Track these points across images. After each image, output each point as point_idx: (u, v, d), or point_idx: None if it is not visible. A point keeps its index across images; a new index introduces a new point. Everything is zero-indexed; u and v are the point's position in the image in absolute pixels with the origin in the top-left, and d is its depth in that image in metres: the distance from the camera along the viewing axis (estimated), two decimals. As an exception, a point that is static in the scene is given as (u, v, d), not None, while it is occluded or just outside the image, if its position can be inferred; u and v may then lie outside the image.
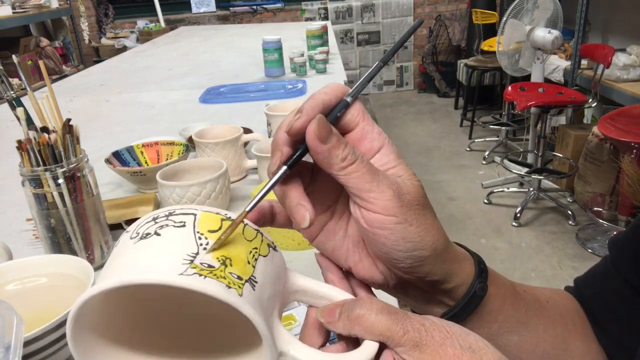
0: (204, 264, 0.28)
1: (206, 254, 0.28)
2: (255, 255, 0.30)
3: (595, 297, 0.48)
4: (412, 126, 4.22)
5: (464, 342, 0.31)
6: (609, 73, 2.69)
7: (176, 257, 0.28)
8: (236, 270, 0.28)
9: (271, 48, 1.88)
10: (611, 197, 2.47)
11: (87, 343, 0.29)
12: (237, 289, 0.27)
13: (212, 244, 0.29)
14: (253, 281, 0.29)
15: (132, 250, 0.28)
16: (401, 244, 0.33)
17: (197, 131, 1.01)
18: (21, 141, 0.65)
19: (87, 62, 4.80)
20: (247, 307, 0.27)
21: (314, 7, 4.90)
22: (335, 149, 0.31)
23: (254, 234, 0.32)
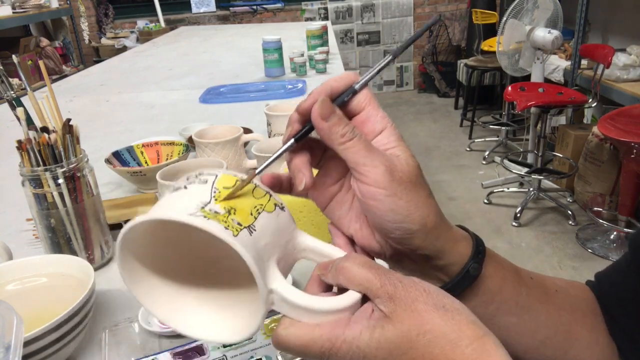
0: (212, 210, 0.34)
1: (216, 203, 0.35)
2: (260, 209, 0.36)
3: (613, 291, 0.49)
4: (412, 126, 4.22)
5: (438, 301, 0.33)
6: (609, 73, 2.69)
7: (192, 203, 0.34)
8: (238, 218, 0.34)
9: (271, 48, 1.88)
10: (611, 197, 2.47)
11: (132, 267, 0.36)
12: (234, 231, 0.33)
13: (222, 196, 0.35)
14: (252, 229, 0.34)
15: (165, 199, 0.36)
16: (390, 215, 0.36)
17: (197, 131, 1.01)
18: (21, 141, 0.65)
19: (87, 62, 4.80)
20: (239, 245, 0.32)
21: (314, 7, 4.90)
22: (335, 126, 0.36)
23: (263, 194, 0.37)
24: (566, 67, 3.14)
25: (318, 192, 0.41)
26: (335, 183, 0.41)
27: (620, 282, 0.49)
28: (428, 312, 0.32)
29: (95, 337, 0.59)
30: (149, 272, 0.38)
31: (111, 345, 0.56)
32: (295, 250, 0.39)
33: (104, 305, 0.65)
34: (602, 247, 2.34)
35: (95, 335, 0.60)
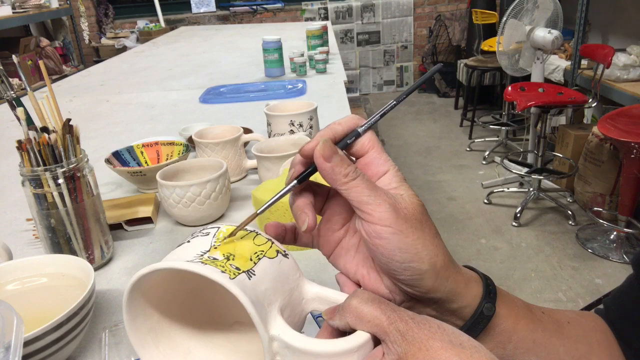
0: (210, 257, 0.35)
1: (215, 251, 0.36)
2: (260, 255, 0.37)
3: (623, 315, 0.48)
4: (412, 126, 4.22)
5: (455, 339, 0.31)
6: (609, 73, 2.69)
7: (192, 253, 0.36)
8: (237, 263, 0.35)
9: (271, 48, 1.88)
10: (611, 197, 2.47)
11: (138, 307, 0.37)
12: (231, 274, 0.33)
13: (220, 242, 0.37)
14: (250, 273, 0.34)
15: (170, 253, 0.38)
16: (397, 254, 0.35)
17: (197, 131, 1.01)
18: (21, 141, 0.65)
19: (87, 62, 4.80)
20: (235, 287, 0.32)
21: (314, 7, 4.90)
22: (338, 167, 0.35)
23: (264, 241, 0.39)
24: (566, 67, 3.14)
25: (322, 239, 0.41)
26: (340, 229, 0.41)
27: (629, 305, 0.48)
28: (445, 349, 0.30)
29: (95, 337, 0.59)
30: (160, 324, 0.39)
31: (111, 345, 0.56)
32: (303, 300, 0.39)
33: (104, 305, 0.65)
34: (602, 247, 2.34)
35: (95, 335, 0.60)
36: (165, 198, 0.81)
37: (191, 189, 0.79)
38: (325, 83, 1.78)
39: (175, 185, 0.80)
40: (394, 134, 4.06)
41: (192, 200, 0.80)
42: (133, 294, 0.36)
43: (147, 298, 0.37)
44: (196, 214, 0.81)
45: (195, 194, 0.79)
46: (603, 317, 0.50)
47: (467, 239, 2.50)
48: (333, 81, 1.80)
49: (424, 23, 5.01)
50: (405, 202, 0.36)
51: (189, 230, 0.83)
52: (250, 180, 1.01)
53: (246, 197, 0.93)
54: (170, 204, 0.81)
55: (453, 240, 2.52)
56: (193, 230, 0.41)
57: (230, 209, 0.89)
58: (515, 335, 0.40)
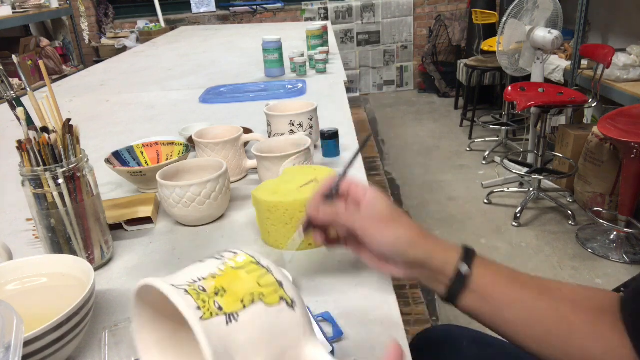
0: (200, 286, 0.32)
1: (209, 281, 0.33)
2: (256, 299, 0.32)
3: (633, 301, 0.49)
4: (412, 126, 4.22)
5: None
6: (609, 73, 2.69)
7: (188, 276, 0.33)
8: (223, 302, 0.31)
9: (271, 48, 1.88)
10: (611, 197, 2.47)
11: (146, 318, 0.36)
12: (206, 313, 0.30)
13: (224, 270, 0.34)
14: (232, 317, 0.31)
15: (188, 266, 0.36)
16: (383, 244, 0.53)
17: (197, 131, 1.01)
18: (21, 141, 0.65)
19: (87, 62, 4.80)
20: (199, 330, 0.29)
21: (314, 7, 4.90)
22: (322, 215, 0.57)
23: (271, 282, 0.34)
24: (566, 67, 3.13)
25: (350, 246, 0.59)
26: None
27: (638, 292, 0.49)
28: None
29: (95, 337, 0.59)
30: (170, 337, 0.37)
31: (111, 345, 0.56)
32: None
33: (104, 305, 0.65)
34: (602, 247, 2.34)
35: (95, 335, 0.60)
36: (165, 198, 0.81)
37: (191, 189, 0.79)
38: (325, 83, 1.78)
39: (175, 185, 0.80)
40: (394, 134, 4.06)
41: (192, 200, 0.80)
42: (138, 305, 0.35)
43: (157, 309, 0.35)
44: (196, 214, 0.81)
45: (195, 194, 0.79)
46: (622, 297, 0.51)
47: (467, 239, 2.50)
48: (333, 81, 1.80)
49: (424, 23, 5.01)
50: (376, 209, 0.54)
51: (188, 230, 0.83)
52: (250, 180, 1.01)
53: (246, 197, 0.93)
54: (170, 204, 0.81)
55: (453, 240, 2.51)
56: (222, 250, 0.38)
57: (230, 209, 0.89)
58: (495, 292, 0.50)
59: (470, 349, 0.73)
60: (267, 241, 0.77)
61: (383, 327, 0.58)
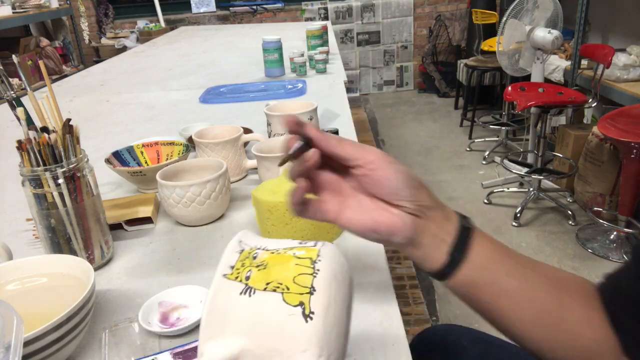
0: (256, 254, 0.37)
1: (266, 252, 0.37)
2: (277, 289, 0.33)
3: (615, 290, 0.49)
4: (412, 126, 4.22)
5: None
6: (609, 73, 2.69)
7: (270, 241, 0.40)
8: (253, 275, 0.35)
9: (271, 48, 1.88)
10: (611, 197, 2.47)
11: None
12: (233, 274, 0.35)
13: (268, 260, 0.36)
14: (250, 291, 0.34)
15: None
16: (398, 175, 0.47)
17: (197, 131, 1.01)
18: (21, 141, 0.65)
19: (87, 62, 4.80)
20: (215, 283, 0.33)
21: (314, 7, 4.90)
22: (330, 136, 0.48)
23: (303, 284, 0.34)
24: (566, 67, 3.13)
25: (326, 206, 0.49)
26: (335, 194, 0.50)
27: (623, 283, 0.49)
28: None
29: (95, 337, 0.59)
30: None
31: (111, 345, 0.56)
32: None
33: (104, 305, 0.65)
34: (602, 247, 2.34)
35: (95, 335, 0.60)
36: (165, 198, 0.81)
37: (191, 189, 0.79)
38: (325, 83, 1.78)
39: (175, 185, 0.80)
40: (394, 134, 4.06)
41: (192, 200, 0.80)
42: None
43: None
44: (196, 214, 0.81)
45: (195, 194, 0.79)
46: (601, 288, 0.51)
47: (467, 239, 2.50)
48: (333, 81, 1.80)
49: (424, 23, 5.01)
50: (379, 150, 0.48)
51: (188, 230, 0.83)
52: (250, 180, 1.01)
53: (246, 197, 0.93)
54: (170, 204, 0.81)
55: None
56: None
57: (230, 209, 0.89)
58: (496, 254, 0.49)
59: (470, 349, 0.73)
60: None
61: (383, 327, 0.58)
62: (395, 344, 0.55)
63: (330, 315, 0.32)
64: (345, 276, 0.36)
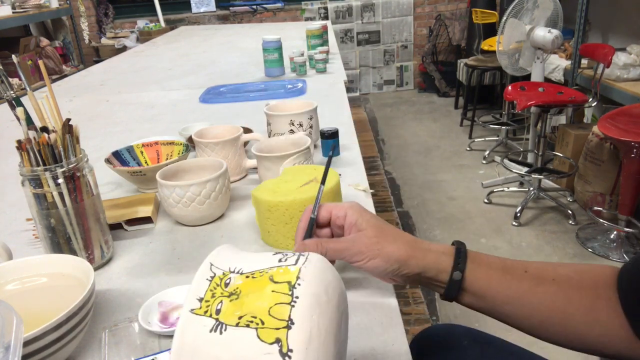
0: (229, 279, 0.34)
1: (239, 277, 0.34)
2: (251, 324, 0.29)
3: (631, 280, 0.50)
4: (412, 126, 4.22)
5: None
6: (609, 72, 2.69)
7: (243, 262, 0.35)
8: (225, 307, 0.32)
9: (271, 48, 1.88)
10: (611, 197, 2.47)
11: None
12: (202, 308, 0.32)
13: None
14: (221, 328, 0.32)
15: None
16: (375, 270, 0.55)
17: (197, 131, 1.01)
18: (21, 141, 0.65)
19: (87, 62, 4.80)
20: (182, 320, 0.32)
21: (314, 7, 4.90)
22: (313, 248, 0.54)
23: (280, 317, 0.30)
24: (566, 66, 3.13)
25: None
26: None
27: (637, 272, 0.50)
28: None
29: (95, 337, 0.59)
30: None
31: (111, 345, 0.56)
32: None
33: (104, 305, 0.65)
34: (602, 246, 2.34)
35: (95, 335, 0.60)
36: (165, 198, 0.81)
37: (191, 188, 0.79)
38: (325, 83, 1.78)
39: (175, 185, 0.80)
40: (394, 133, 4.06)
41: (192, 200, 0.80)
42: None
43: None
44: (196, 213, 0.81)
45: (195, 194, 0.79)
46: (619, 275, 0.52)
47: (467, 238, 2.50)
48: (333, 81, 1.80)
49: (424, 23, 5.01)
50: (363, 234, 0.55)
51: (188, 230, 0.83)
52: (250, 180, 1.01)
53: (246, 197, 0.93)
54: (170, 203, 0.81)
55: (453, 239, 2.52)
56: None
57: (230, 209, 0.89)
58: (489, 291, 0.53)
59: (470, 348, 0.73)
60: (267, 241, 0.77)
61: (383, 327, 0.58)
62: (395, 344, 0.55)
63: (312, 350, 0.29)
64: (333, 295, 0.32)
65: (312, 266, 0.33)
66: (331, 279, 0.33)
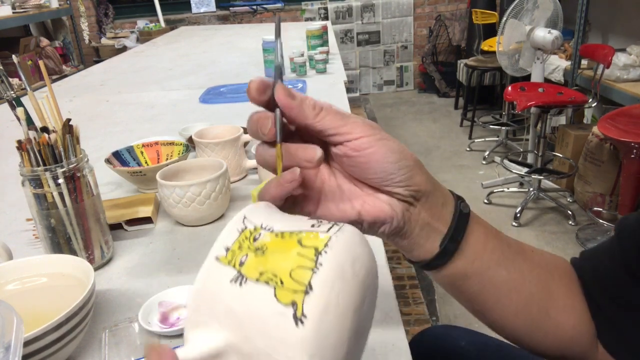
0: (259, 234, 0.32)
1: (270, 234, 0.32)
2: (270, 282, 0.30)
3: (594, 271, 0.49)
4: (412, 126, 4.22)
5: None
6: (609, 73, 2.69)
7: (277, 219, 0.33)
8: (249, 260, 0.31)
9: (271, 48, 1.88)
10: (611, 197, 2.47)
11: None
12: (227, 257, 0.31)
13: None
14: (241, 280, 0.31)
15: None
16: (389, 155, 0.37)
17: (197, 131, 1.01)
18: (21, 141, 0.65)
19: (87, 62, 4.80)
20: (206, 266, 0.30)
21: (314, 7, 4.90)
22: (304, 102, 0.36)
23: (300, 281, 0.29)
24: (566, 67, 3.13)
25: (306, 198, 0.40)
26: (314, 185, 0.40)
27: (602, 265, 0.48)
28: None
29: (95, 337, 0.59)
30: None
31: (111, 345, 0.56)
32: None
33: (104, 305, 0.65)
34: (602, 247, 2.34)
35: (95, 335, 0.60)
36: (165, 198, 0.81)
37: (191, 189, 0.79)
38: (325, 83, 1.78)
39: (175, 185, 0.80)
40: (394, 133, 4.06)
41: (192, 200, 0.80)
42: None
43: None
44: (196, 214, 0.81)
45: (195, 194, 0.79)
46: (576, 264, 0.51)
47: (467, 239, 2.50)
48: (333, 81, 1.80)
49: (424, 23, 5.01)
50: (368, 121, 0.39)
51: (188, 230, 0.83)
52: (250, 180, 1.01)
53: (246, 197, 0.93)
54: (170, 204, 0.81)
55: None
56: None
57: (230, 209, 0.89)
58: (488, 243, 0.44)
59: (469, 350, 0.73)
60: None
61: (383, 327, 0.58)
62: (395, 343, 0.55)
63: (327, 321, 0.28)
64: (360, 270, 0.31)
65: (344, 237, 0.31)
66: (361, 253, 0.32)
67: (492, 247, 0.44)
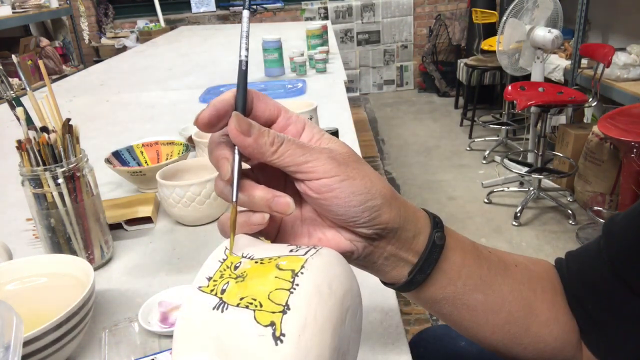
0: (239, 263, 0.33)
1: (250, 262, 0.33)
2: (250, 306, 0.30)
3: (580, 272, 0.48)
4: (412, 126, 4.22)
5: None
6: (609, 72, 2.69)
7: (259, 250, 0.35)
8: (230, 288, 0.32)
9: (271, 48, 1.88)
10: (611, 197, 2.47)
11: None
12: (209, 286, 0.32)
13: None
14: (222, 307, 0.32)
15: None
16: (352, 198, 0.34)
17: (197, 131, 1.01)
18: (21, 141, 0.65)
19: (87, 62, 4.80)
20: (190, 296, 0.31)
21: (314, 7, 4.90)
22: (260, 137, 0.33)
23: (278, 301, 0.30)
24: (566, 66, 3.13)
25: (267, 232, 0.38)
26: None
27: (588, 266, 0.48)
28: None
29: (95, 337, 0.59)
30: None
31: (111, 345, 0.56)
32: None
33: (104, 305, 0.65)
34: (603, 246, 2.34)
35: (95, 335, 0.60)
36: (165, 198, 0.81)
37: (191, 188, 0.79)
38: (325, 83, 1.78)
39: (175, 185, 0.80)
40: (394, 133, 4.06)
41: (192, 200, 0.80)
42: None
43: None
44: (196, 213, 0.81)
45: (195, 194, 0.79)
46: (560, 266, 0.50)
47: (467, 238, 2.50)
48: (333, 81, 1.80)
49: (424, 22, 5.01)
50: (336, 149, 0.36)
51: (188, 230, 0.83)
52: (250, 180, 1.01)
53: (246, 196, 0.93)
54: (170, 203, 0.81)
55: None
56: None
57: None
58: (464, 270, 0.41)
59: (469, 349, 0.73)
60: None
61: (383, 327, 0.58)
62: (395, 343, 0.55)
63: (305, 339, 0.28)
64: (338, 289, 0.31)
65: (320, 258, 0.32)
66: (339, 273, 0.33)
67: (468, 273, 0.42)
